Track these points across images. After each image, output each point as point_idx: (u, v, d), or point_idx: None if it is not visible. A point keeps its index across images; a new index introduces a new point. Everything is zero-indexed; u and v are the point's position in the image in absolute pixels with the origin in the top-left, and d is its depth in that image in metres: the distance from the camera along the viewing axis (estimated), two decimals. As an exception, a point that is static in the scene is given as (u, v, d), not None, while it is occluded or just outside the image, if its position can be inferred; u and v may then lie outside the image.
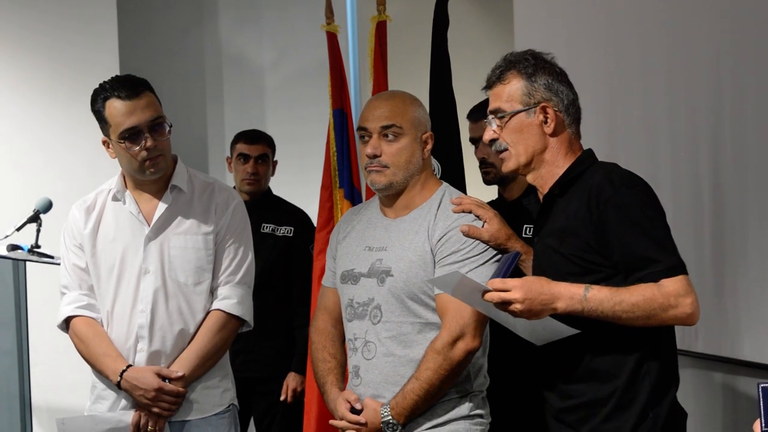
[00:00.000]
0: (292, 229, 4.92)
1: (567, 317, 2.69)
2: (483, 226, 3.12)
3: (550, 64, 2.90)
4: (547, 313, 2.68)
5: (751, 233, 3.39)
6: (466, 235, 3.09)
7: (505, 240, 3.12)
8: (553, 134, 2.86)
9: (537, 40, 4.29)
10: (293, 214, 5.01)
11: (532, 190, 3.76)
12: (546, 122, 2.85)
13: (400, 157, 3.17)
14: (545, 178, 2.89)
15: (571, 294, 2.66)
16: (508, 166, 2.91)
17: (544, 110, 2.84)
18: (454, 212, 3.15)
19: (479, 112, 3.84)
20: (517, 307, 2.66)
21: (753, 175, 3.38)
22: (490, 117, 2.91)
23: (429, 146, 3.24)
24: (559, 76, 2.89)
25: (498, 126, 2.89)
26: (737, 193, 3.46)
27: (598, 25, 4.19)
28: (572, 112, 2.88)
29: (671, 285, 2.63)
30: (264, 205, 4.94)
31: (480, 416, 3.16)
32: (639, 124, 3.88)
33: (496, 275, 2.78)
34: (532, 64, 2.87)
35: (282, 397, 4.79)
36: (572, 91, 2.89)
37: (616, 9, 4.13)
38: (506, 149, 2.89)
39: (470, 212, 3.14)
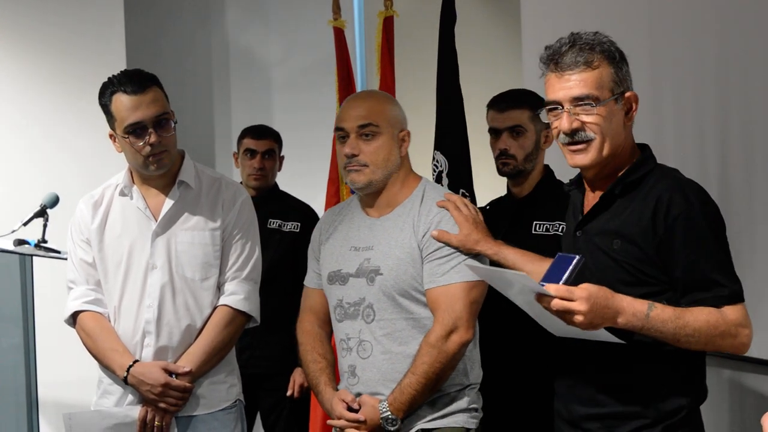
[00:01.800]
0: (299, 224, 4.91)
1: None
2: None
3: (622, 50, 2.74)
4: (606, 325, 2.57)
5: (759, 231, 3.39)
6: (437, 239, 3.11)
7: (474, 244, 3.10)
8: (628, 126, 2.72)
9: (544, 35, 4.27)
10: (300, 210, 5.00)
11: (541, 186, 3.75)
12: (627, 113, 2.70)
13: (378, 156, 3.19)
14: (606, 172, 2.73)
15: (634, 311, 2.56)
16: (588, 158, 2.69)
17: (629, 101, 2.70)
18: (438, 206, 3.17)
19: (504, 102, 3.76)
20: (578, 318, 2.53)
21: (760, 172, 3.38)
22: (573, 102, 2.67)
23: (406, 144, 3.25)
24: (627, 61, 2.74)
25: (592, 115, 2.66)
26: (744, 191, 3.45)
27: (605, 21, 4.18)
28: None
29: (733, 313, 2.58)
30: (271, 201, 4.94)
31: (475, 410, 3.19)
32: (646, 122, 3.87)
33: (552, 278, 2.58)
34: (616, 49, 2.70)
35: (288, 393, 4.79)
36: None
37: (624, 5, 4.12)
38: (591, 140, 2.68)
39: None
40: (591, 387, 2.73)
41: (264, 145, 4.96)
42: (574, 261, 2.59)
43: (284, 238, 4.88)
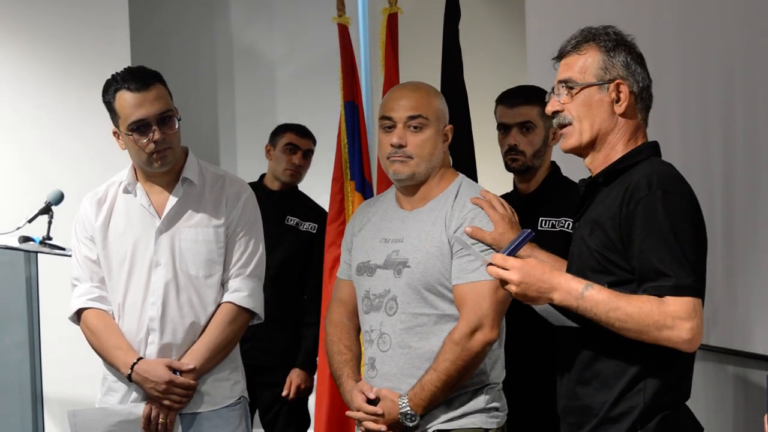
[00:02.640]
0: (316, 226, 4.93)
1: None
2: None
3: (631, 44, 2.73)
4: (544, 301, 2.60)
5: (762, 226, 3.38)
6: (470, 236, 3.09)
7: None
8: (623, 116, 2.69)
9: (549, 32, 4.27)
10: (317, 212, 5.02)
11: (547, 183, 3.74)
12: (618, 101, 2.68)
13: (425, 149, 3.17)
14: (600, 161, 2.72)
15: (569, 288, 2.56)
16: (569, 143, 2.72)
17: (617, 88, 2.68)
18: (473, 202, 3.15)
19: (515, 98, 3.76)
20: (512, 288, 2.60)
21: (764, 167, 3.37)
22: (558, 87, 2.73)
23: (449, 139, 3.24)
24: (638, 57, 2.72)
25: (567, 96, 2.70)
26: (748, 186, 3.45)
27: (608, 17, 4.17)
28: (645, 98, 2.72)
29: (674, 305, 2.48)
30: (291, 198, 4.97)
31: (496, 409, 3.16)
32: (650, 121, 3.87)
33: (504, 250, 2.67)
34: (613, 39, 2.71)
35: (284, 393, 4.79)
36: (648, 77, 2.73)
37: (629, 3, 4.12)
38: (570, 123, 2.71)
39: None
40: (571, 379, 2.72)
41: (306, 143, 5.04)
42: (523, 235, 2.68)
43: (300, 237, 4.90)
